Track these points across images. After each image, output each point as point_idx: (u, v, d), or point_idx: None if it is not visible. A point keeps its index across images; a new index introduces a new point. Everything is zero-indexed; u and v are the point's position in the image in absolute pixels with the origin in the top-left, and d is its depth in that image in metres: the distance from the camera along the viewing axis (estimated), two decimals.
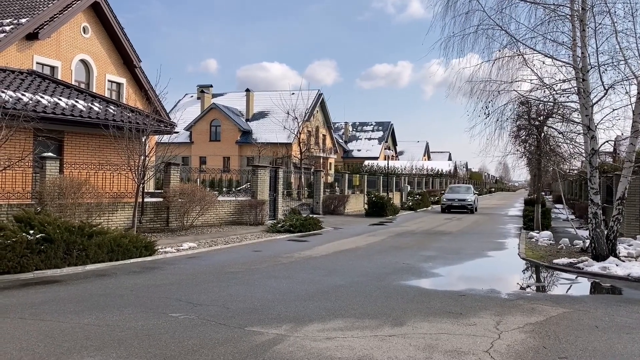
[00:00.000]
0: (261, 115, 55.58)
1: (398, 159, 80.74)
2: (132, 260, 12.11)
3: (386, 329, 6.99)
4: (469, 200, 35.56)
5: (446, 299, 8.99)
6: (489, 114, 14.12)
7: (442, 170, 74.99)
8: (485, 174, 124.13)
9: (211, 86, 59.87)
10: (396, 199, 39.59)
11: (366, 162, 68.19)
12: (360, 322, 7.34)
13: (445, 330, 6.97)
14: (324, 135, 59.70)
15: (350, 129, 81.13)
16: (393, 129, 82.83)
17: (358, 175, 41.76)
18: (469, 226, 24.86)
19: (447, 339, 6.58)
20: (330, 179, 39.33)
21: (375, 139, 79.15)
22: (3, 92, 15.92)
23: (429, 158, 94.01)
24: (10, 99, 15.43)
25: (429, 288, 10.10)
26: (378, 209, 30.53)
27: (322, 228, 21.29)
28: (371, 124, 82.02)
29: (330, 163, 61.02)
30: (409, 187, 46.25)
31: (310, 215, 23.55)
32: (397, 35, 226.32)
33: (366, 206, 32.95)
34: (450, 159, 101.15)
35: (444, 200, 36.46)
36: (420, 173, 65.39)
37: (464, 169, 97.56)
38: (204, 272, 11.27)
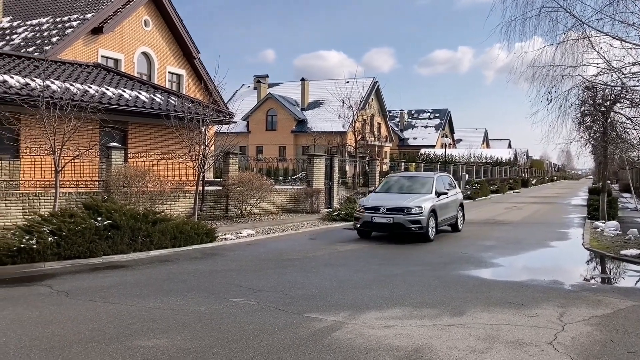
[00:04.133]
0: (316, 104, 55.74)
1: (455, 147, 79.25)
2: (193, 247, 12.47)
3: (445, 319, 6.92)
4: (414, 209, 14.05)
5: (507, 289, 8.80)
6: (551, 99, 13.60)
7: (501, 158, 73.05)
8: (547, 161, 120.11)
9: (267, 76, 60.47)
10: None
11: (422, 151, 67.33)
12: (419, 311, 7.30)
13: (506, 321, 6.84)
14: (379, 124, 59.28)
15: (406, 116, 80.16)
16: (450, 116, 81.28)
17: (414, 163, 41.33)
18: (531, 215, 24.16)
19: (509, 330, 6.46)
20: (385, 168, 39.08)
21: (432, 126, 77.88)
22: (71, 84, 16.64)
23: (487, 146, 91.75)
24: (78, 92, 16.11)
25: (488, 278, 9.91)
26: None
27: None
28: (428, 112, 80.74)
29: (385, 151, 60.59)
30: (467, 176, 45.36)
31: None
32: (457, 20, 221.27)
33: None
34: (510, 146, 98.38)
35: (360, 208, 14.95)
36: (478, 161, 63.93)
37: (525, 156, 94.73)
38: (263, 258, 11.47)
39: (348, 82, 44.71)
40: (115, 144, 16.58)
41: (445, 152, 43.02)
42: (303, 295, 8.14)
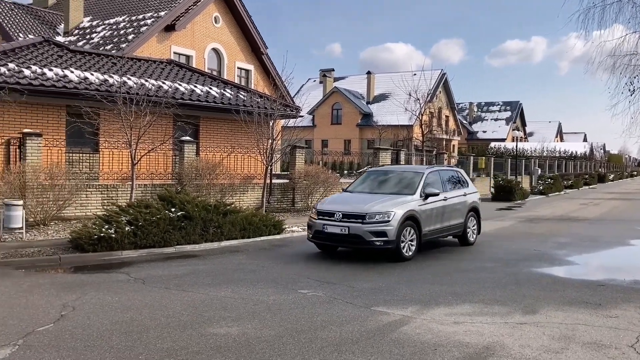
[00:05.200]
0: (382, 97, 55.36)
1: (527, 141, 76.53)
2: (262, 238, 12.71)
3: (517, 317, 6.73)
4: (379, 216, 10.13)
5: (583, 288, 8.44)
6: (634, 90, 12.88)
7: (576, 152, 69.96)
8: (626, 156, 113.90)
9: (333, 70, 60.59)
10: (525, 182, 37.62)
11: (492, 144, 65.46)
12: (489, 308, 7.13)
13: (583, 321, 6.56)
14: (446, 117, 58.17)
15: (475, 109, 78.19)
16: (522, 108, 78.58)
17: (484, 157, 40.24)
18: (608, 212, 23.02)
19: (585, 330, 6.20)
20: (453, 162, 38.25)
21: (502, 119, 75.60)
22: (146, 80, 17.30)
23: (561, 139, 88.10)
24: (153, 87, 16.74)
25: (563, 276, 9.53)
26: (505, 193, 29.23)
27: None
28: (498, 104, 78.41)
29: (453, 145, 59.39)
30: (539, 171, 43.74)
31: None
32: (531, 8, 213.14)
33: (492, 190, 31.70)
34: (585, 140, 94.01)
35: (314, 213, 10.99)
36: (551, 155, 61.52)
37: (602, 150, 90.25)
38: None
39: (415, 74, 44.02)
40: (187, 137, 17.12)
41: (516, 146, 41.62)
42: (370, 288, 8.13)
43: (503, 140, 69.22)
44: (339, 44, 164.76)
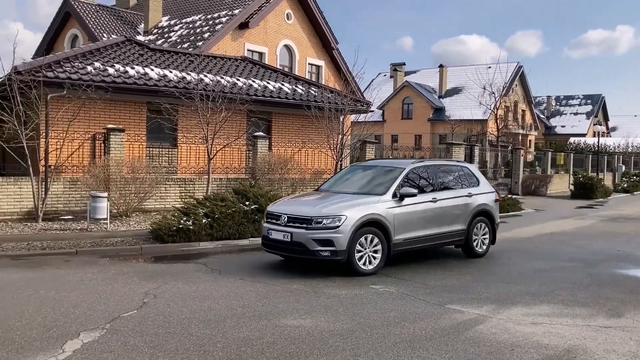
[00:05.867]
0: (455, 91, 54.16)
1: (610, 136, 72.59)
2: None
3: (600, 320, 6.42)
4: (326, 220, 8.36)
5: None
6: None
7: None
8: None
9: (404, 64, 59.88)
10: (607, 180, 35.75)
11: (571, 139, 62.55)
12: (570, 309, 6.85)
13: None
14: (523, 111, 56.13)
15: (554, 103, 74.97)
16: (604, 102, 74.56)
17: (562, 153, 38.58)
18: None
19: None
20: (530, 157, 36.92)
21: (583, 113, 72.06)
22: (222, 77, 17.78)
23: None
24: (228, 84, 17.19)
25: None
26: (586, 190, 27.90)
27: (522, 210, 20.18)
28: (578, 97, 74.81)
29: (529, 140, 57.26)
30: (623, 167, 41.47)
31: (508, 196, 22.45)
32: None
33: (572, 187, 30.37)
34: None
35: (264, 219, 9.45)
36: (637, 151, 58.10)
37: None
38: None
39: (490, 67, 42.77)
40: (260, 133, 17.46)
41: (598, 141, 39.62)
42: (443, 286, 8.01)
43: (583, 135, 66.01)
44: (410, 38, 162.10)
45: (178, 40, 25.29)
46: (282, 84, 19.45)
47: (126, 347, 5.19)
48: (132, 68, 15.94)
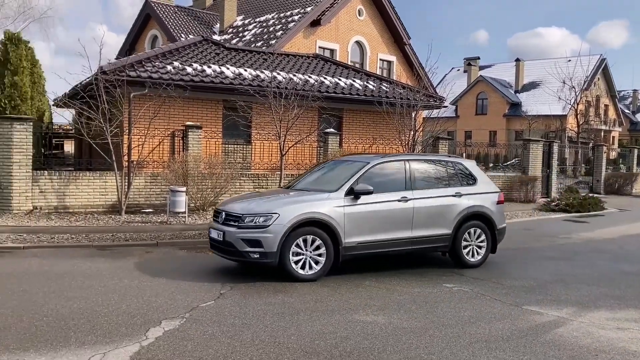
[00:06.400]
0: (532, 85, 52.20)
1: None
2: None
3: None
4: (256, 219, 7.67)
5: None
6: None
7: None
8: None
9: (478, 58, 58.35)
10: None
11: None
12: None
13: None
14: (605, 106, 53.32)
15: None
16: None
17: None
18: None
19: None
20: (613, 155, 35.02)
21: None
22: (294, 75, 18.01)
23: None
24: (300, 81, 17.38)
25: None
26: None
27: (605, 209, 19.20)
28: None
29: (613, 137, 54.32)
30: None
31: (590, 195, 21.42)
32: None
33: None
34: None
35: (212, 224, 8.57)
36: None
37: None
38: None
39: (570, 60, 40.95)
40: (331, 129, 17.54)
41: None
42: (520, 286, 7.77)
43: None
44: (485, 31, 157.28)
45: (252, 39, 25.83)
46: (354, 81, 19.45)
47: (205, 335, 5.39)
48: (209, 67, 16.43)
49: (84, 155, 18.88)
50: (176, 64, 15.92)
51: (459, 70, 61.00)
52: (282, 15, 26.53)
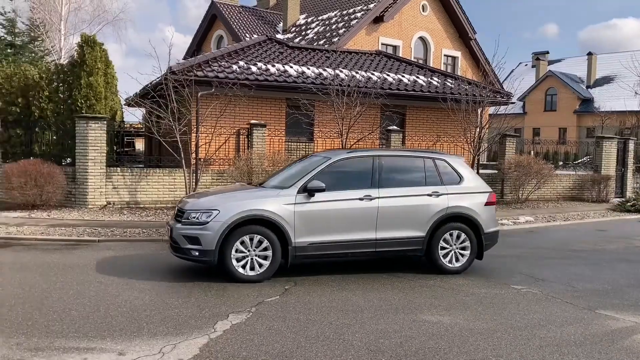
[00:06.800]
0: (605, 80, 49.82)
1: None
2: None
3: None
4: (196, 215, 7.39)
5: None
6: None
7: None
8: None
9: (547, 52, 56.22)
10: None
11: None
12: None
13: None
14: None
15: None
16: None
17: None
18: None
19: None
20: None
21: None
22: (356, 72, 17.98)
23: None
24: (362, 79, 17.34)
25: None
26: None
27: None
28: None
29: None
30: None
31: None
32: None
33: None
34: None
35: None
36: None
37: None
38: (544, 247, 10.84)
39: None
40: (394, 127, 17.40)
41: None
42: (592, 290, 7.44)
43: None
44: (555, 24, 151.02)
45: (314, 37, 25.99)
46: (417, 77, 19.20)
47: (271, 330, 5.48)
48: (273, 66, 16.66)
49: (154, 152, 19.61)
50: (241, 63, 16.23)
51: (526, 65, 59.05)
52: (344, 12, 26.54)
